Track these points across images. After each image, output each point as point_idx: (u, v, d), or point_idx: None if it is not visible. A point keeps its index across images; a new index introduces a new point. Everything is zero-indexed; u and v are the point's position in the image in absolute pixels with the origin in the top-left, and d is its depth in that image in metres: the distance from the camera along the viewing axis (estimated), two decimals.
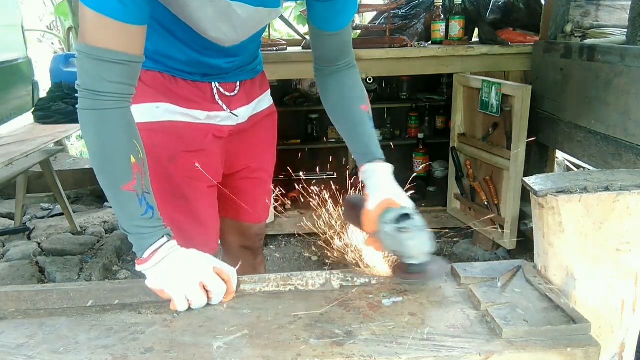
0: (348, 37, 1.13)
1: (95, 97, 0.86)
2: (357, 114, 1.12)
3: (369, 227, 0.97)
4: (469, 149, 2.69)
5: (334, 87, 1.15)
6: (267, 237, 2.95)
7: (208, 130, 1.17)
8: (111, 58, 0.85)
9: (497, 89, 2.37)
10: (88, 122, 0.88)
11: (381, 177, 1.04)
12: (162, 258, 0.89)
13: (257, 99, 1.25)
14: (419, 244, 0.90)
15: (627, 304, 0.87)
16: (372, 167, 1.06)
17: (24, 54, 3.32)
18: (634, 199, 0.82)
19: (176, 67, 1.10)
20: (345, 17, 1.08)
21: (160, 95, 1.11)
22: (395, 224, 0.91)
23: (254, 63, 1.22)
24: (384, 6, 3.05)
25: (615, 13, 2.39)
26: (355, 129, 1.12)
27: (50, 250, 2.79)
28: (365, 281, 0.97)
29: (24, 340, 0.81)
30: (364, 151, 1.09)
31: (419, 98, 3.45)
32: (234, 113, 1.18)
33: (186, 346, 0.78)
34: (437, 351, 0.75)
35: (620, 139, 1.88)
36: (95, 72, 0.85)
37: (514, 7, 2.73)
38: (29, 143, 2.57)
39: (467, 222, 2.81)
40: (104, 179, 0.90)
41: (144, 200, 0.90)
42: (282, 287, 0.96)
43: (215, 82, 1.15)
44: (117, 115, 0.88)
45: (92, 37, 0.84)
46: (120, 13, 0.83)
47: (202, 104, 1.14)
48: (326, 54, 1.13)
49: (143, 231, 0.90)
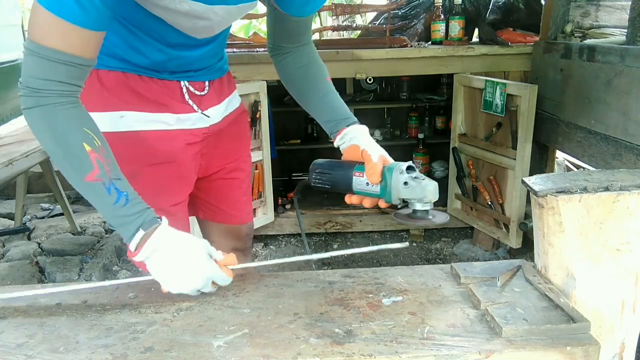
0: (310, 21, 1.16)
1: (39, 94, 0.82)
2: (325, 85, 1.16)
3: (375, 178, 1.00)
4: (471, 149, 2.69)
5: (297, 63, 1.16)
6: (267, 237, 2.96)
7: (180, 137, 1.11)
8: (60, 59, 0.81)
9: (502, 89, 2.37)
10: (35, 120, 0.84)
11: (367, 136, 1.09)
12: (155, 248, 0.87)
13: (227, 99, 1.24)
14: (432, 190, 0.98)
15: (627, 304, 0.87)
16: (355, 128, 1.09)
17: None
18: (634, 199, 0.82)
19: (143, 64, 1.04)
20: (313, 4, 1.09)
21: (124, 102, 1.05)
22: (408, 174, 0.99)
23: (220, 62, 1.20)
24: (384, 6, 3.06)
25: (615, 13, 2.39)
26: (327, 98, 1.15)
27: (50, 251, 2.79)
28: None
29: (24, 340, 0.81)
30: (340, 117, 1.12)
31: (419, 98, 3.45)
32: (204, 113, 1.14)
33: (186, 345, 0.78)
34: (437, 350, 0.75)
35: (620, 139, 1.88)
36: (41, 72, 0.81)
37: (514, 7, 2.73)
38: (29, 143, 2.57)
39: (469, 222, 2.81)
40: (67, 174, 0.86)
41: (113, 187, 0.85)
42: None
43: (184, 80, 1.10)
44: (63, 108, 0.84)
45: (43, 37, 0.79)
46: (80, 18, 0.79)
47: (172, 105, 1.09)
48: (288, 36, 1.14)
49: (122, 220, 0.86)
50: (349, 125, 1.10)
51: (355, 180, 1.04)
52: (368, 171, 1.01)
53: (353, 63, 2.61)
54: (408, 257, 2.78)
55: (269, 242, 2.96)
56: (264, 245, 2.94)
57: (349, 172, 1.05)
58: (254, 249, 2.90)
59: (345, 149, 1.10)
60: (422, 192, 0.97)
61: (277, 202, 2.94)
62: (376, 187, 1.02)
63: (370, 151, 1.03)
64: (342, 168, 1.07)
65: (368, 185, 1.02)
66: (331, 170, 1.08)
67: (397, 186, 0.99)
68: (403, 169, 0.99)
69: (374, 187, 1.02)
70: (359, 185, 1.04)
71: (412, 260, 2.75)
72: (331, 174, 1.08)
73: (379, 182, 1.01)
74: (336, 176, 1.07)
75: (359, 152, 1.05)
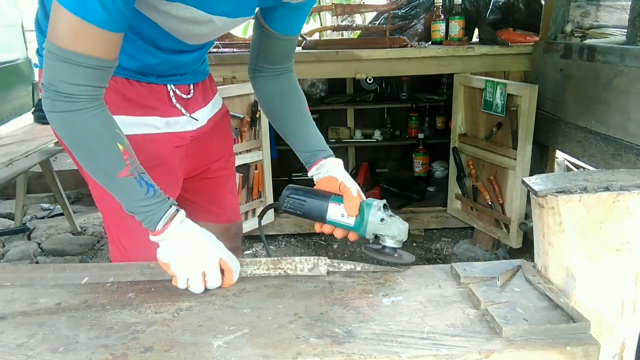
0: (295, 43, 1.18)
1: (70, 99, 0.84)
2: (304, 115, 1.18)
3: (353, 211, 1.04)
4: (471, 149, 2.69)
5: (279, 89, 1.18)
6: (267, 237, 2.96)
7: (169, 140, 1.13)
8: (87, 63, 0.82)
9: (503, 88, 2.37)
10: (64, 125, 0.87)
11: (343, 170, 1.13)
12: (175, 231, 0.93)
13: (211, 101, 1.25)
14: (404, 230, 1.03)
15: (627, 304, 0.87)
16: (333, 162, 1.13)
17: (24, 54, 3.32)
18: (634, 199, 0.82)
19: (131, 67, 1.05)
20: (301, 24, 1.13)
21: (113, 106, 1.05)
22: (384, 211, 1.04)
23: (203, 65, 1.22)
24: (384, 6, 3.06)
25: (615, 13, 2.39)
26: (306, 128, 1.17)
27: (50, 251, 2.79)
28: (350, 267, 1.02)
29: (24, 340, 0.81)
30: (318, 148, 1.15)
31: (419, 98, 3.45)
32: (193, 117, 1.16)
33: (186, 345, 0.78)
34: (436, 350, 0.75)
35: (620, 139, 1.88)
36: (70, 77, 0.83)
37: (514, 7, 2.73)
38: (29, 143, 2.58)
39: (469, 222, 2.81)
40: (97, 173, 0.91)
41: (143, 181, 0.91)
42: (272, 270, 1.00)
43: (170, 84, 1.12)
44: (96, 112, 0.87)
45: (68, 41, 0.81)
46: (105, 21, 0.80)
47: (160, 109, 1.10)
48: (272, 57, 1.15)
49: (150, 209, 0.92)
50: (326, 158, 1.13)
51: (330, 211, 1.06)
52: (347, 204, 1.05)
53: (353, 63, 2.61)
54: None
55: (269, 242, 2.96)
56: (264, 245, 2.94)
57: (324, 202, 1.07)
58: (254, 249, 2.90)
59: (320, 180, 1.12)
60: (397, 231, 1.03)
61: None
62: (350, 220, 1.05)
63: (349, 185, 1.06)
64: (317, 197, 1.08)
65: (342, 217, 1.06)
66: (307, 197, 1.09)
67: (374, 222, 1.03)
68: (380, 206, 1.03)
69: (349, 219, 1.05)
70: (334, 215, 1.07)
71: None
72: (306, 201, 1.09)
73: (356, 215, 1.05)
74: (311, 204, 1.08)
75: (336, 184, 1.08)
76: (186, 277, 0.92)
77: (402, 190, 3.18)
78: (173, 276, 0.94)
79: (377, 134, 3.47)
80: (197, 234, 0.96)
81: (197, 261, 0.93)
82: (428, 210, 2.99)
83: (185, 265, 0.92)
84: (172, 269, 0.93)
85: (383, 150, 3.69)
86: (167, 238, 0.93)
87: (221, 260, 0.95)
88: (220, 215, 1.35)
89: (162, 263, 0.95)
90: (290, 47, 1.16)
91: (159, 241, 0.94)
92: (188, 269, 0.92)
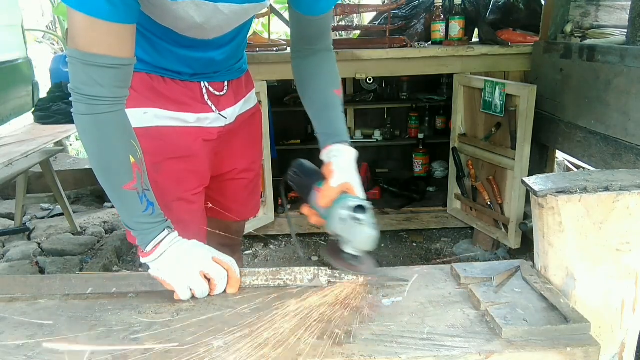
0: (328, 23, 1.16)
1: (91, 101, 0.87)
2: (330, 97, 1.14)
3: (323, 201, 0.98)
4: (470, 149, 2.69)
5: (311, 69, 1.16)
6: (267, 237, 2.96)
7: (198, 134, 1.17)
8: (104, 63, 0.85)
9: (501, 89, 2.37)
10: (86, 127, 0.90)
11: (347, 160, 1.05)
12: (164, 251, 0.93)
13: (243, 99, 1.27)
14: (365, 239, 0.91)
15: (627, 304, 0.87)
16: (340, 148, 1.07)
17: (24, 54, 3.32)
18: (634, 199, 0.82)
19: (165, 66, 1.10)
20: (328, 3, 1.09)
21: (148, 100, 1.11)
22: (351, 212, 0.92)
23: (240, 62, 1.24)
24: (384, 6, 3.06)
25: (615, 13, 2.39)
26: (327, 111, 1.13)
27: (50, 251, 2.79)
28: (353, 278, 0.95)
29: (24, 340, 0.81)
30: (332, 132, 1.10)
31: (419, 98, 3.45)
32: (222, 114, 1.19)
33: (186, 345, 0.78)
34: (437, 351, 0.75)
35: (620, 139, 1.88)
36: (89, 78, 0.86)
37: (514, 8, 2.73)
38: (29, 143, 2.57)
39: (469, 222, 2.81)
40: (105, 179, 0.92)
41: (145, 198, 0.93)
42: (270, 281, 0.98)
43: (205, 81, 1.15)
44: (114, 118, 0.90)
45: (84, 42, 0.84)
46: (110, 13, 0.83)
47: (192, 106, 1.15)
48: (306, 37, 1.14)
49: (145, 227, 0.93)
50: (337, 143, 1.09)
51: (312, 195, 1.03)
52: (321, 192, 1.00)
53: (353, 63, 2.60)
54: (408, 257, 2.78)
55: (269, 242, 2.96)
56: (264, 245, 2.94)
57: (311, 185, 1.03)
58: (254, 249, 2.90)
59: (324, 164, 1.10)
60: (354, 236, 0.92)
61: (277, 202, 2.94)
62: (325, 210, 0.98)
63: (337, 175, 1.00)
64: (311, 178, 1.05)
65: (318, 205, 1.01)
66: (304, 175, 1.07)
67: (334, 219, 0.95)
68: (349, 205, 0.93)
69: (323, 209, 0.99)
70: (314, 200, 1.02)
71: (412, 260, 2.75)
72: (302, 179, 1.07)
73: (326, 206, 0.98)
74: (304, 182, 1.06)
75: (330, 171, 1.04)
76: (186, 284, 0.91)
77: (402, 191, 3.18)
78: (174, 291, 0.93)
79: (377, 134, 3.47)
80: (184, 247, 0.95)
81: (191, 263, 0.92)
82: (428, 210, 2.99)
83: (180, 272, 0.92)
84: (169, 282, 0.92)
85: (383, 151, 3.69)
86: (155, 260, 0.93)
87: (214, 259, 0.95)
88: (233, 214, 1.37)
89: (159, 280, 0.94)
90: (318, 26, 1.13)
91: (148, 262, 0.94)
92: (184, 274, 0.92)
